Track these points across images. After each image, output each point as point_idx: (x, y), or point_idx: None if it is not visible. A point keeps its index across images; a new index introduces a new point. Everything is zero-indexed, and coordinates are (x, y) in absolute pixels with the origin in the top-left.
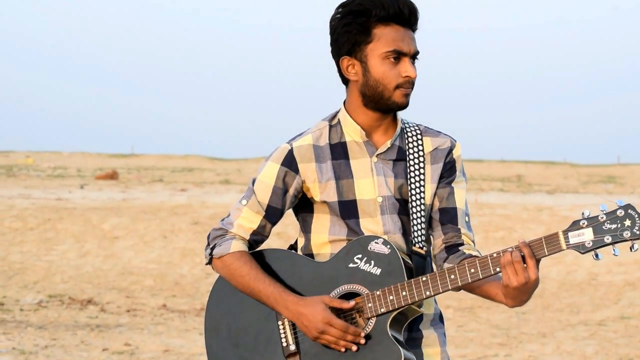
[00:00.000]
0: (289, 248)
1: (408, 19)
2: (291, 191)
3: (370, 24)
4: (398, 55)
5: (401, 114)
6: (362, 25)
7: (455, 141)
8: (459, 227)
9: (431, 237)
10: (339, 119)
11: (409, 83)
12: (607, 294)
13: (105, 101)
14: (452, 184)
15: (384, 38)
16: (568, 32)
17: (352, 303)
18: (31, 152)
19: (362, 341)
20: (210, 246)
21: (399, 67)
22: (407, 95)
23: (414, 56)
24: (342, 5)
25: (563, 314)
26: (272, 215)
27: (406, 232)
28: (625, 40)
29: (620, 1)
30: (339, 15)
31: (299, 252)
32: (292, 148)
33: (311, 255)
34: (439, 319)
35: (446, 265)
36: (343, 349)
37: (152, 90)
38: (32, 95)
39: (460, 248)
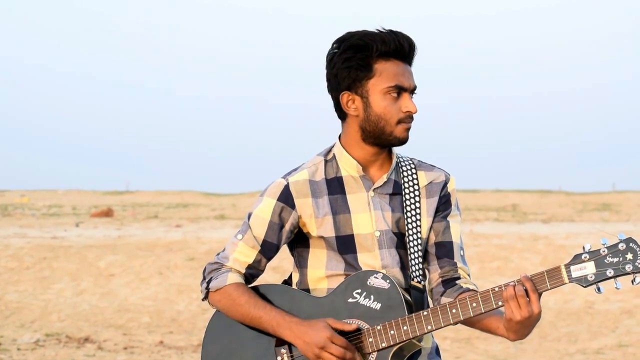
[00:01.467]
0: (282, 283)
1: (408, 54)
2: (287, 226)
3: (371, 59)
4: (399, 91)
5: (396, 148)
6: (363, 60)
7: (450, 175)
8: (455, 260)
9: (427, 271)
10: (334, 154)
11: (410, 118)
12: (605, 322)
13: (99, 139)
14: (448, 218)
15: (385, 73)
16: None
17: (354, 325)
18: (26, 190)
19: None
20: (206, 280)
21: (399, 103)
22: (408, 130)
23: (413, 91)
24: (340, 40)
25: (561, 343)
26: (268, 250)
27: (404, 266)
28: (618, 68)
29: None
30: (337, 50)
31: (294, 287)
32: (288, 183)
33: (307, 291)
34: (436, 352)
35: (443, 299)
36: None
37: (144, 127)
38: (25, 134)
39: (457, 282)
